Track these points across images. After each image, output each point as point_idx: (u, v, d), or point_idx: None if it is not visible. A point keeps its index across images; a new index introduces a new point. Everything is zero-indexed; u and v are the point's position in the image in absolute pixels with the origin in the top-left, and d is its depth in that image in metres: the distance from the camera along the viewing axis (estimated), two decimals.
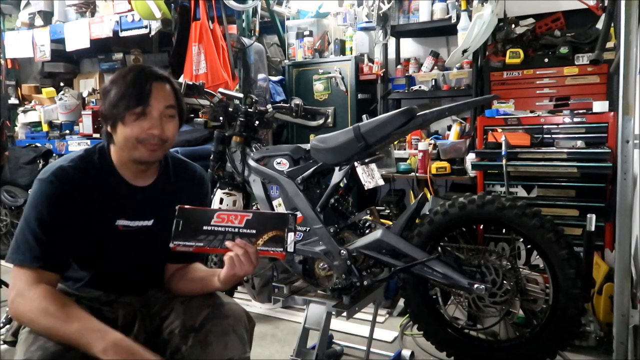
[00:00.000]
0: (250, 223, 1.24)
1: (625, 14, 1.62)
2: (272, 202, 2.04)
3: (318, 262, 1.96)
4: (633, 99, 1.62)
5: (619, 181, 1.67)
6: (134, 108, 1.25)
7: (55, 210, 1.23)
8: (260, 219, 1.25)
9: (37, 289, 1.17)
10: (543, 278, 2.18)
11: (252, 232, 1.23)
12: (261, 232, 1.23)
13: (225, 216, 1.24)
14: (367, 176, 2.03)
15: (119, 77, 1.29)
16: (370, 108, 3.66)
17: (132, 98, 1.25)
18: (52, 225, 1.22)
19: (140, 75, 1.28)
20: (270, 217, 1.28)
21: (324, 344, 1.91)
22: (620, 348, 1.69)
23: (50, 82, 4.90)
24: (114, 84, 1.28)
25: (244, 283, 3.01)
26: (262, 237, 1.23)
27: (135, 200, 1.35)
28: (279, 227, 1.24)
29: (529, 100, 3.05)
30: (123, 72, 1.30)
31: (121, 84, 1.27)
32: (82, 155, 1.32)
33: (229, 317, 1.27)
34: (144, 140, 1.27)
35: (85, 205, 1.27)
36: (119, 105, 1.25)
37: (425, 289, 2.01)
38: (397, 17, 3.51)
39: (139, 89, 1.25)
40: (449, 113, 1.82)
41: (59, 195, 1.23)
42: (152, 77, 1.28)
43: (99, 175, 1.31)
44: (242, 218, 1.24)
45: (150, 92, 1.26)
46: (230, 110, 2.22)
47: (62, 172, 1.26)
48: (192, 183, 1.49)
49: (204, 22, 3.40)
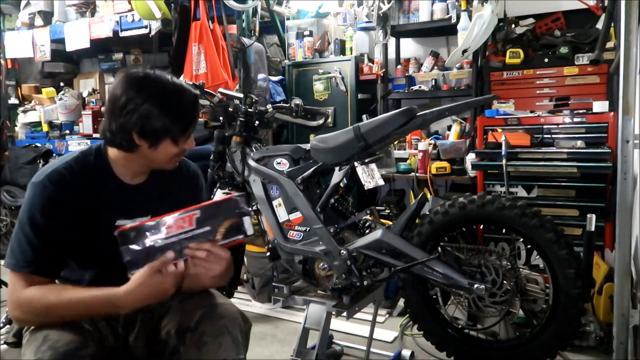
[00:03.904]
0: (201, 221, 1.18)
1: (625, 14, 1.61)
2: (272, 202, 2.04)
3: (318, 262, 1.96)
4: (633, 99, 1.62)
5: (619, 181, 1.67)
6: (183, 134, 1.28)
7: (49, 215, 1.22)
8: (209, 213, 1.19)
9: (28, 292, 1.19)
10: (543, 278, 2.18)
11: (208, 230, 1.19)
12: (216, 226, 1.19)
13: (173, 223, 1.17)
14: (367, 176, 2.03)
15: (157, 92, 1.23)
16: (370, 108, 3.66)
17: (184, 124, 1.27)
18: (45, 229, 1.22)
19: (191, 100, 1.29)
20: (218, 207, 1.21)
21: (324, 344, 1.91)
22: (620, 348, 1.69)
23: (50, 82, 4.91)
24: (152, 99, 1.22)
25: (244, 283, 3.01)
26: (218, 231, 1.19)
27: (133, 199, 1.35)
28: (232, 214, 1.20)
29: (529, 100, 3.05)
30: (161, 87, 1.24)
31: (165, 104, 1.23)
32: (77, 157, 1.32)
33: (224, 317, 1.26)
34: (178, 155, 1.31)
35: (82, 208, 1.26)
36: (166, 127, 1.24)
37: (425, 289, 2.00)
38: (397, 17, 3.51)
39: (191, 116, 1.28)
40: (449, 113, 1.82)
41: (53, 199, 1.23)
42: (198, 102, 1.31)
43: (94, 177, 1.30)
44: (191, 218, 1.17)
45: (195, 119, 1.30)
46: (230, 110, 2.22)
47: (56, 175, 1.25)
48: (186, 177, 1.49)
49: (204, 22, 3.40)
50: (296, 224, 1.98)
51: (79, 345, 1.13)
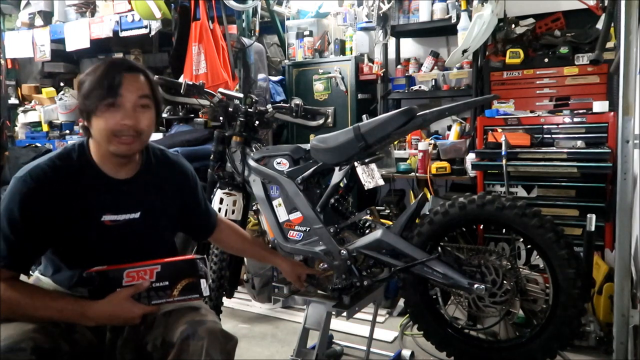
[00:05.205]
0: (161, 275, 1.27)
1: (625, 14, 1.62)
2: (272, 202, 2.04)
3: (318, 262, 1.96)
4: (633, 99, 1.62)
5: (619, 181, 1.67)
6: (105, 99, 1.24)
7: (27, 209, 1.22)
8: (170, 269, 1.28)
9: (2, 289, 1.18)
10: (543, 278, 2.18)
11: (166, 284, 1.27)
12: (174, 282, 1.27)
13: (135, 274, 1.26)
14: (367, 176, 2.03)
15: (92, 70, 1.29)
16: (370, 108, 3.66)
17: (103, 89, 1.24)
18: (21, 224, 1.22)
19: (111, 67, 1.27)
20: (179, 265, 1.30)
21: (324, 344, 1.91)
22: (620, 348, 1.69)
23: (50, 82, 4.90)
24: (87, 76, 1.28)
25: (244, 283, 3.01)
26: (176, 287, 1.28)
27: (119, 194, 1.34)
28: (190, 274, 1.28)
29: (529, 100, 3.05)
30: (96, 65, 1.29)
31: (93, 76, 1.26)
32: (61, 153, 1.32)
33: (204, 338, 1.23)
34: (118, 132, 1.26)
35: (65, 204, 1.26)
36: (91, 97, 1.25)
37: (425, 289, 2.00)
38: (397, 17, 3.51)
39: (109, 80, 1.25)
40: (449, 113, 1.82)
41: (32, 194, 1.23)
42: (123, 68, 1.27)
43: (78, 172, 1.29)
44: (152, 272, 1.26)
45: (121, 82, 1.25)
46: (230, 110, 2.22)
47: (37, 171, 1.25)
48: (176, 172, 1.49)
49: (204, 22, 3.40)
50: (296, 224, 1.98)
51: (18, 340, 1.12)
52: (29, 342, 1.13)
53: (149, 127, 1.31)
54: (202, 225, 1.66)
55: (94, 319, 1.22)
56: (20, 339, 1.13)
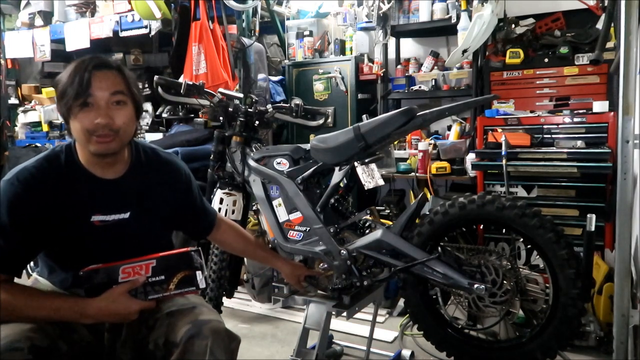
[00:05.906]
0: (156, 270, 1.27)
1: (625, 14, 1.61)
2: (272, 202, 2.04)
3: (318, 262, 1.96)
4: (633, 99, 1.62)
5: (619, 181, 1.67)
6: (77, 100, 1.22)
7: (15, 213, 1.21)
8: (165, 263, 1.27)
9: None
10: (543, 278, 2.18)
11: (162, 279, 1.27)
12: (170, 276, 1.27)
13: (131, 269, 1.26)
14: (367, 176, 2.03)
15: (65, 71, 1.26)
16: (370, 108, 3.66)
17: (74, 89, 1.21)
18: (10, 227, 1.21)
19: (79, 66, 1.24)
20: (174, 258, 1.29)
21: (324, 344, 1.91)
22: (620, 348, 1.69)
23: (50, 82, 4.90)
24: (60, 78, 1.25)
25: (244, 283, 3.01)
26: (172, 281, 1.27)
27: (107, 194, 1.32)
28: (186, 267, 1.28)
29: (529, 100, 3.05)
30: (70, 65, 1.27)
31: (65, 76, 1.24)
32: (48, 155, 1.31)
33: (208, 337, 1.23)
34: (93, 132, 1.23)
35: (54, 206, 1.25)
36: (64, 98, 1.23)
37: (425, 289, 2.00)
38: (397, 17, 3.51)
39: (79, 79, 1.22)
40: (449, 113, 1.82)
41: (20, 198, 1.22)
42: (92, 65, 1.24)
43: (65, 174, 1.28)
44: (147, 267, 1.26)
45: (89, 80, 1.22)
46: (230, 110, 2.22)
47: (24, 173, 1.24)
48: (167, 171, 1.46)
49: (204, 22, 3.40)
50: (296, 224, 1.98)
51: (15, 339, 1.12)
52: (26, 341, 1.13)
53: (126, 123, 1.28)
54: (198, 225, 1.65)
55: (91, 316, 1.22)
56: (18, 339, 1.13)
